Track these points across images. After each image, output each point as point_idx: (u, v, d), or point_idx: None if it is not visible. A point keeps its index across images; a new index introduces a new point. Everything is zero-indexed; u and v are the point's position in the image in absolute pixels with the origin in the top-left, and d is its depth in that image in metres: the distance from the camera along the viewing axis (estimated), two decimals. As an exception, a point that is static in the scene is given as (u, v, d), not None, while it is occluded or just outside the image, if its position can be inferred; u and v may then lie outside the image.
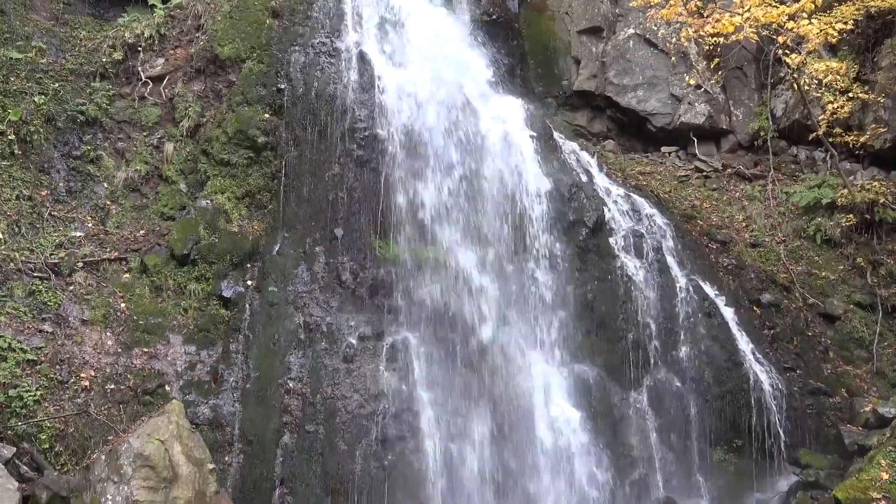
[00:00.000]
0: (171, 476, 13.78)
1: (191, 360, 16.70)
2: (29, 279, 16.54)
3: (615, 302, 18.66)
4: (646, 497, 17.45)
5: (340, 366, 16.91)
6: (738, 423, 18.10)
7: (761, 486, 17.79)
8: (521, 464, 17.07)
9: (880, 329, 19.79)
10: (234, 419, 16.19)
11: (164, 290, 17.34)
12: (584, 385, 17.98)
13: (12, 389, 14.91)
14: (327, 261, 17.91)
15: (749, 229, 21.52)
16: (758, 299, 19.79)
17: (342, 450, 16.21)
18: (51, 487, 13.76)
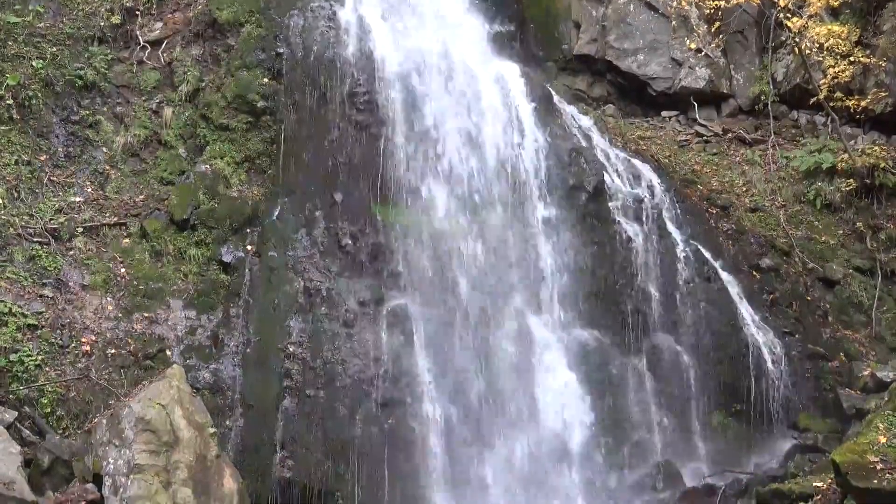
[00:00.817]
0: (173, 440, 13.83)
1: (191, 324, 16.72)
2: (29, 244, 16.54)
3: (615, 267, 18.66)
4: (644, 461, 17.52)
5: (340, 330, 16.94)
6: (737, 388, 18.15)
7: (760, 450, 17.87)
8: (521, 428, 17.14)
9: (879, 293, 19.81)
10: (234, 383, 16.24)
11: (164, 255, 17.34)
12: (584, 350, 18.02)
13: (13, 354, 14.95)
14: (327, 226, 17.90)
15: (749, 194, 21.49)
16: (757, 264, 19.80)
17: (342, 414, 16.27)
18: (53, 451, 13.82)
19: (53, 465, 13.75)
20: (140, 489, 13.41)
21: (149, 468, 13.57)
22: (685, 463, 17.55)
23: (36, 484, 13.17)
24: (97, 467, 13.56)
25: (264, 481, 15.62)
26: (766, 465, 17.41)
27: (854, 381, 18.17)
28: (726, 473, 17.15)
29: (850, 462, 11.94)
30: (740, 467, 17.39)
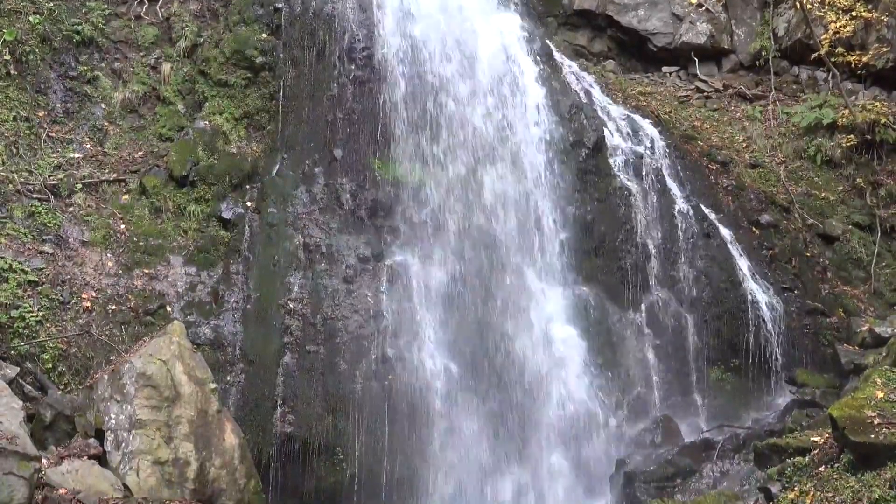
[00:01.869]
0: (174, 395, 13.90)
1: (191, 281, 16.74)
2: (28, 200, 16.52)
3: (614, 223, 18.66)
4: (643, 415, 17.62)
5: (340, 287, 16.96)
6: (736, 343, 18.22)
7: (758, 405, 17.96)
8: (520, 383, 17.21)
9: (878, 249, 19.83)
10: (235, 339, 16.29)
11: (164, 212, 17.33)
12: (583, 305, 18.06)
13: (14, 310, 14.99)
14: (326, 182, 17.87)
15: (749, 150, 21.45)
16: (757, 220, 19.79)
17: (343, 369, 16.34)
18: (55, 406, 13.89)
19: (55, 420, 13.82)
20: (142, 444, 13.50)
21: (150, 423, 13.66)
22: (683, 418, 17.65)
23: (38, 439, 13.25)
24: (99, 422, 13.64)
25: (265, 436, 15.72)
26: (763, 419, 17.49)
27: (852, 337, 18.22)
28: (724, 428, 17.23)
29: (847, 417, 11.99)
30: (738, 422, 17.48)
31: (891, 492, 11.13)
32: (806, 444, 13.89)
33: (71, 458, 13.12)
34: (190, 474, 13.73)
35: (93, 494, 12.55)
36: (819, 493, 11.98)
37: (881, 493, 11.16)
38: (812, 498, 11.96)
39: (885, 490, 11.18)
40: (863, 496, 11.37)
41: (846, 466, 12.04)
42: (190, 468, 13.75)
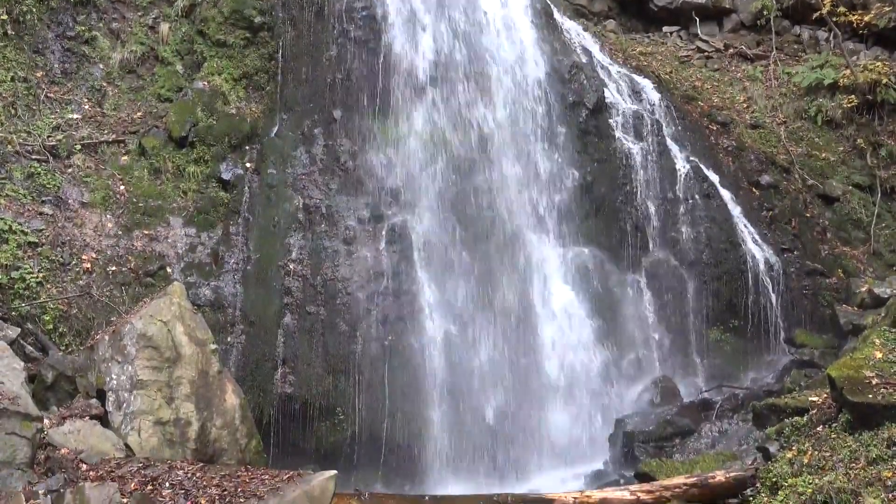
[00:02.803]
0: (174, 356, 13.94)
1: (191, 242, 16.74)
2: (27, 161, 16.49)
3: (614, 184, 18.64)
4: (643, 376, 17.68)
5: (340, 248, 16.96)
6: (735, 304, 18.26)
7: (756, 365, 18.03)
8: (520, 344, 17.26)
9: (878, 210, 19.84)
10: (235, 300, 16.32)
11: (163, 173, 17.30)
12: (583, 267, 18.08)
13: (14, 271, 15.00)
14: (326, 143, 17.83)
15: (750, 110, 21.39)
16: (757, 181, 19.77)
17: (343, 330, 16.37)
18: (56, 367, 13.93)
19: (57, 380, 13.86)
20: (143, 404, 13.55)
21: (151, 384, 13.70)
22: (682, 378, 17.72)
23: (40, 399, 13.29)
24: (100, 383, 13.68)
25: (266, 396, 15.80)
26: (762, 380, 17.58)
27: (851, 298, 18.27)
28: (723, 388, 17.33)
29: (845, 377, 12.04)
30: (737, 382, 17.57)
31: (888, 451, 11.20)
32: (804, 404, 13.96)
33: (73, 418, 13.17)
34: (191, 434, 13.79)
35: (95, 454, 12.61)
36: (817, 452, 12.05)
37: (879, 453, 11.23)
38: (810, 457, 12.03)
39: (882, 449, 11.25)
40: (860, 455, 11.44)
41: (844, 426, 12.11)
42: (191, 428, 13.81)
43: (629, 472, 15.60)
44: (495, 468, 16.48)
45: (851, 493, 10.89)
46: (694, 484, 13.18)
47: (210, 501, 11.73)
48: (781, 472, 12.24)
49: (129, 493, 11.45)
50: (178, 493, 11.90)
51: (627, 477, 15.41)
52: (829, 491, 11.03)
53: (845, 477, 11.21)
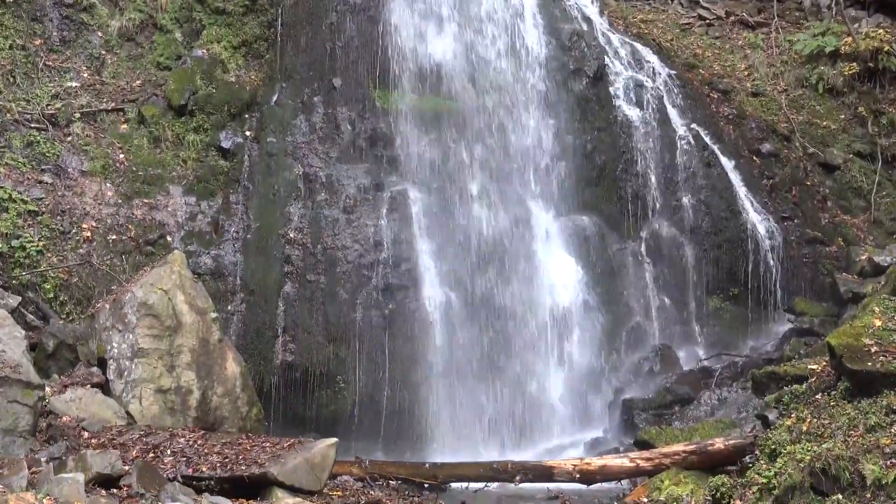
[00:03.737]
0: (175, 325, 13.96)
1: (191, 210, 16.73)
2: (26, 130, 16.44)
3: (614, 152, 18.60)
4: (642, 344, 17.72)
5: (340, 216, 16.95)
6: (735, 272, 18.27)
7: (756, 333, 18.07)
8: (520, 312, 17.29)
9: (879, 178, 19.80)
10: (235, 269, 16.33)
11: (163, 141, 17.26)
12: (583, 235, 18.08)
13: (15, 240, 15.00)
14: (326, 111, 17.78)
15: (751, 78, 21.32)
16: (758, 149, 19.73)
17: (343, 299, 16.40)
18: (57, 335, 13.97)
19: (58, 349, 13.91)
20: (144, 372, 13.60)
21: (152, 352, 13.74)
22: (682, 346, 17.77)
23: (41, 367, 13.34)
24: (101, 351, 13.72)
25: (266, 365, 15.84)
26: (761, 348, 17.62)
27: (851, 266, 18.28)
28: (722, 356, 17.39)
29: (845, 345, 12.06)
30: (736, 350, 17.62)
31: (887, 418, 11.24)
32: (803, 371, 14.00)
33: (74, 386, 13.22)
34: (192, 402, 13.84)
35: (96, 422, 12.67)
36: (816, 419, 12.09)
37: (877, 420, 11.27)
38: (809, 424, 12.07)
39: (881, 417, 11.29)
40: (859, 423, 11.48)
41: (843, 394, 12.15)
42: (192, 396, 13.86)
43: (628, 439, 15.69)
44: (495, 436, 16.54)
45: (850, 460, 10.94)
46: (693, 451, 13.25)
47: (211, 469, 11.78)
48: (780, 439, 12.28)
49: (130, 460, 11.50)
50: (180, 460, 11.96)
51: (627, 444, 15.50)
52: (827, 458, 11.08)
53: (844, 444, 11.25)
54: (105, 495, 10.48)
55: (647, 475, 13.44)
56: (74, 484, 10.09)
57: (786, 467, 11.65)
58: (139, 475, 11.02)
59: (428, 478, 13.82)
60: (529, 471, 13.84)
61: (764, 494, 11.68)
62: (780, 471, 11.70)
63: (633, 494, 13.13)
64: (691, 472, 13.01)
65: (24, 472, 10.36)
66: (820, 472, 11.08)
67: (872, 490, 10.64)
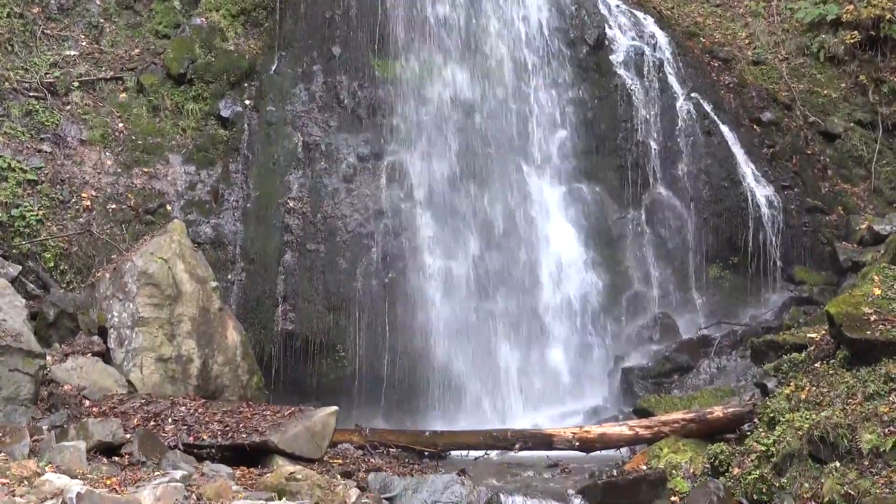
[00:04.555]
0: (175, 294, 13.99)
1: (191, 179, 16.71)
2: (25, 98, 16.40)
3: (615, 121, 18.56)
4: (641, 313, 17.76)
5: (340, 185, 16.94)
6: (735, 241, 18.26)
7: (755, 302, 18.08)
8: (521, 282, 17.31)
9: (880, 147, 19.77)
10: (235, 238, 16.33)
11: (162, 110, 17.20)
12: (583, 204, 18.08)
13: (14, 209, 15.00)
14: (325, 80, 17.73)
15: (752, 46, 21.22)
16: (758, 118, 19.67)
17: (343, 268, 16.41)
18: (58, 304, 14.00)
19: (59, 318, 13.94)
20: (144, 341, 13.64)
21: (153, 321, 13.77)
22: (681, 315, 17.80)
23: (42, 336, 13.37)
24: (102, 320, 13.75)
25: (267, 334, 15.87)
26: (761, 316, 17.65)
27: (851, 235, 18.28)
28: (722, 325, 17.41)
29: (844, 314, 12.09)
30: (736, 319, 17.64)
31: (885, 386, 11.29)
32: (802, 340, 14.03)
33: (75, 355, 13.27)
34: (193, 371, 13.90)
35: (97, 390, 12.72)
36: (814, 388, 12.14)
37: (876, 388, 11.32)
38: (807, 393, 12.12)
39: (879, 385, 11.34)
40: (858, 391, 11.53)
41: (842, 362, 12.19)
42: (193, 365, 13.91)
43: (628, 407, 15.75)
44: (495, 404, 16.60)
45: (848, 427, 11.00)
46: (692, 419, 13.32)
47: (212, 437, 11.85)
48: (779, 407, 12.34)
49: (132, 428, 11.55)
50: (181, 428, 12.02)
51: (626, 413, 15.56)
52: (826, 426, 11.14)
53: (842, 412, 11.31)
54: (107, 463, 10.55)
55: (646, 443, 13.53)
56: (76, 452, 10.15)
57: (784, 435, 11.71)
58: (140, 443, 11.09)
59: (428, 446, 13.88)
60: (529, 439, 13.91)
61: (762, 462, 11.76)
62: (779, 439, 11.77)
63: (632, 462, 13.21)
64: (690, 440, 13.09)
65: (26, 441, 10.43)
66: (818, 440, 11.15)
67: (870, 458, 10.71)
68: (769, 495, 11.41)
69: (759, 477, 11.60)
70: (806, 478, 11.10)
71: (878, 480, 10.38)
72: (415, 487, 11.57)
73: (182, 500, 9.24)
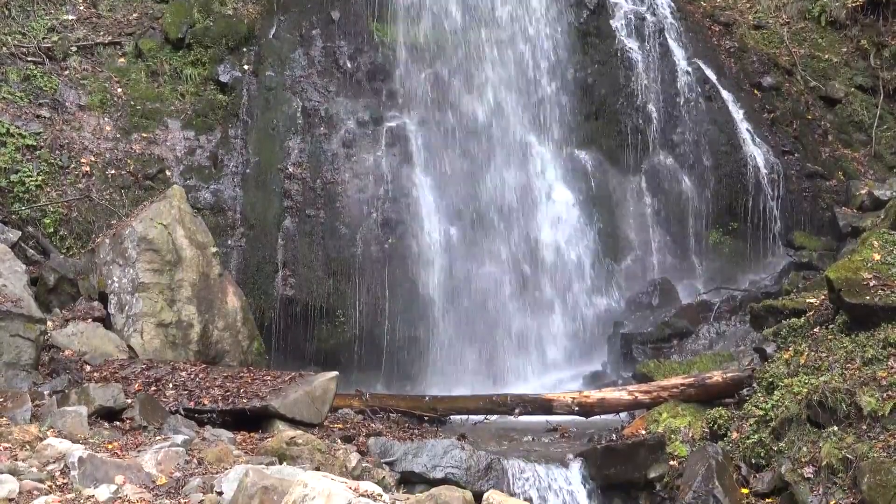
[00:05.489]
0: (175, 259, 14.00)
1: (190, 145, 16.66)
2: (23, 64, 16.33)
3: (615, 86, 18.51)
4: (641, 278, 17.78)
5: (340, 151, 16.91)
6: (735, 206, 18.25)
7: (755, 267, 18.10)
8: (520, 246, 17.32)
9: (881, 112, 19.71)
10: (235, 204, 16.31)
11: (161, 75, 17.13)
12: (583, 169, 18.06)
13: (14, 174, 14.98)
14: (324, 45, 17.65)
15: (753, 10, 21.10)
16: (759, 82, 19.61)
17: (343, 233, 16.41)
18: (58, 270, 14.00)
19: (59, 283, 13.95)
20: (145, 306, 13.66)
21: (153, 286, 13.79)
22: (681, 280, 17.82)
23: (42, 302, 13.39)
24: (102, 285, 13.77)
25: (267, 299, 15.88)
26: (760, 282, 17.66)
27: (851, 200, 18.26)
28: (721, 290, 17.42)
29: (843, 279, 12.11)
30: (735, 284, 17.65)
31: (884, 351, 11.33)
32: (802, 305, 14.07)
33: (76, 320, 13.29)
34: (193, 336, 13.92)
35: (98, 356, 12.75)
36: (813, 353, 12.18)
37: (874, 353, 11.36)
38: (806, 358, 12.17)
39: (878, 350, 11.38)
40: (856, 356, 11.57)
41: (841, 327, 12.22)
42: (193, 330, 13.94)
43: (627, 373, 15.80)
44: (495, 369, 16.66)
45: (846, 392, 11.05)
46: (691, 384, 13.37)
47: (213, 402, 11.89)
48: (778, 372, 12.39)
49: (132, 393, 11.59)
50: (182, 393, 12.06)
51: (625, 378, 15.62)
52: (824, 391, 11.18)
53: (841, 377, 11.36)
54: (108, 428, 10.59)
55: (645, 408, 13.59)
56: (77, 417, 10.20)
57: (783, 400, 11.77)
58: (141, 408, 11.13)
59: (428, 410, 13.94)
60: (528, 403, 13.96)
61: (761, 426, 11.82)
62: (777, 403, 11.83)
63: (631, 427, 13.27)
64: (689, 405, 13.16)
65: (28, 405, 10.47)
66: (817, 405, 11.21)
67: (868, 422, 10.77)
68: (767, 459, 11.48)
69: (757, 441, 11.67)
70: (804, 442, 11.16)
71: (875, 444, 10.44)
72: (415, 452, 11.65)
73: (183, 465, 9.29)
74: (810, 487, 10.72)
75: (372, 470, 10.62)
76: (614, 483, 11.90)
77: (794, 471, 10.97)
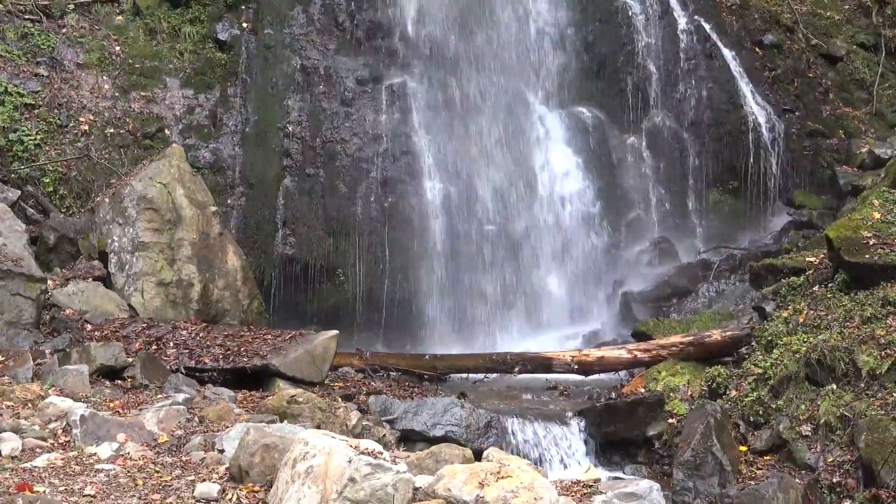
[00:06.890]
0: (175, 218, 13.99)
1: (189, 103, 16.60)
2: (20, 21, 16.23)
3: (616, 44, 18.43)
4: (641, 237, 17.78)
5: (339, 109, 16.85)
6: (735, 165, 18.22)
7: (755, 226, 18.11)
8: (520, 205, 17.30)
9: (882, 70, 19.63)
10: (234, 162, 16.28)
11: (159, 33, 17.03)
12: (583, 128, 18.01)
13: (12, 133, 14.94)
14: (323, 2, 17.54)
15: (754, -33, 20.97)
16: (760, 40, 19.51)
17: (343, 192, 16.39)
18: (58, 229, 13.99)
19: (59, 242, 13.95)
20: (145, 266, 13.67)
21: (153, 245, 13.79)
22: (681, 239, 17.83)
23: (43, 261, 13.39)
24: (102, 245, 13.77)
25: (267, 258, 15.90)
26: (760, 240, 17.68)
27: (851, 158, 18.23)
28: (721, 249, 17.45)
29: (843, 237, 12.11)
30: (735, 243, 17.68)
31: (882, 310, 11.35)
32: (801, 264, 14.08)
33: (76, 279, 13.30)
34: (194, 295, 13.95)
35: (99, 315, 12.77)
36: (812, 311, 12.21)
37: (873, 312, 11.38)
38: (805, 316, 12.19)
39: (877, 308, 11.40)
40: (855, 314, 11.59)
41: (840, 286, 12.24)
42: (194, 289, 13.96)
43: (626, 331, 15.84)
44: (494, 327, 16.70)
45: (845, 350, 11.08)
46: (690, 342, 13.41)
47: (214, 360, 11.93)
48: (777, 330, 12.42)
49: (134, 352, 11.64)
50: (183, 352, 12.10)
51: (625, 336, 15.65)
52: (823, 349, 11.22)
53: (839, 335, 11.38)
54: (109, 386, 10.65)
55: (644, 366, 13.63)
56: (79, 375, 10.25)
57: (781, 358, 11.80)
58: (143, 367, 11.19)
59: (428, 369, 13.97)
60: (528, 362, 14.00)
61: (759, 384, 11.86)
62: (776, 361, 11.87)
63: (630, 385, 13.32)
64: (688, 363, 13.19)
65: (30, 364, 10.53)
66: (815, 363, 11.24)
67: (866, 380, 10.80)
68: (766, 417, 11.53)
69: (755, 399, 11.71)
70: (802, 400, 11.21)
71: (873, 402, 10.48)
72: (415, 410, 11.69)
73: (184, 423, 9.35)
74: (808, 445, 10.78)
75: (372, 428, 10.66)
76: (613, 441, 11.96)
77: (793, 428, 11.02)
